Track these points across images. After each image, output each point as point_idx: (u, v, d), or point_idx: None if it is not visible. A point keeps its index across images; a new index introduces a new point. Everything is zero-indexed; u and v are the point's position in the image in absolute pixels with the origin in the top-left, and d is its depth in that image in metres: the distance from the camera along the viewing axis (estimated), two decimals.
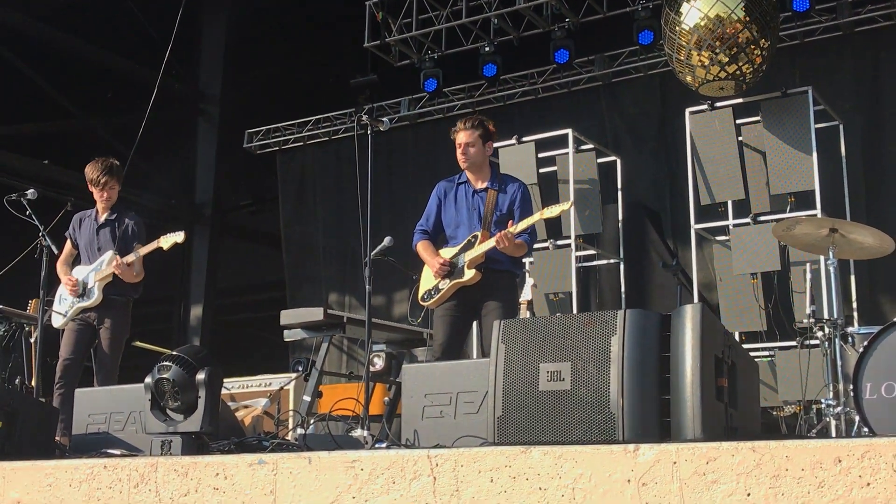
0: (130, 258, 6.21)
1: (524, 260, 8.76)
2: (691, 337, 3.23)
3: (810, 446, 2.84)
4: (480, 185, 5.65)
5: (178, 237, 6.20)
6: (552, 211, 5.43)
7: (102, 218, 6.50)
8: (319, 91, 11.87)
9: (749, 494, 2.88)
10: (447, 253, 5.59)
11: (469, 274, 5.38)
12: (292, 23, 11.96)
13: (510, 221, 5.43)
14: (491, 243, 5.36)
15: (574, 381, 3.32)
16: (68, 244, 6.62)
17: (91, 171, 6.45)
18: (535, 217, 5.40)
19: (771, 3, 7.54)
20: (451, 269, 5.47)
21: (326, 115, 12.00)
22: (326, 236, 12.13)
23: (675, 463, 3.00)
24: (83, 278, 6.34)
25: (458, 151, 5.64)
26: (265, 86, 12.64)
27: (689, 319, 3.26)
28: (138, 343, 8.20)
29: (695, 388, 3.18)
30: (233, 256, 14.03)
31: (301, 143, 12.30)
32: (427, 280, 5.61)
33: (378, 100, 11.59)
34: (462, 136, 5.62)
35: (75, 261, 6.60)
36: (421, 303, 5.58)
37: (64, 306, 6.38)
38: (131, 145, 9.05)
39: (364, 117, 5.28)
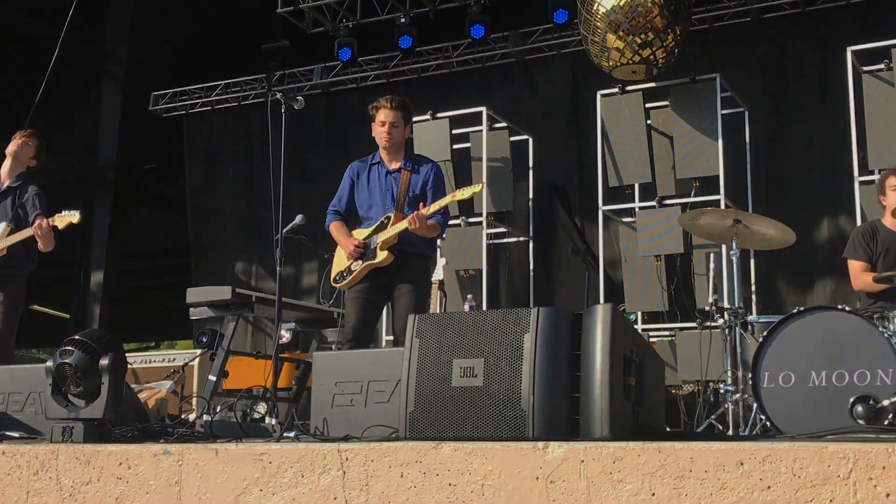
0: (46, 222, 5.96)
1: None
2: (601, 336, 3.28)
3: (714, 448, 2.91)
4: (394, 166, 5.63)
5: (74, 217, 5.95)
6: (464, 193, 5.43)
7: (4, 185, 6.26)
8: (229, 55, 11.61)
9: (654, 494, 2.95)
10: (360, 234, 5.57)
11: (381, 256, 5.37)
12: None
13: (422, 203, 5.43)
14: (403, 225, 5.35)
15: (487, 378, 3.34)
16: None
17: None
18: (447, 199, 5.42)
19: None
20: (364, 251, 5.45)
21: (236, 79, 11.77)
22: (234, 204, 11.94)
23: (582, 461, 3.05)
24: None
25: (382, 129, 5.59)
26: (174, 48, 12.30)
27: (599, 319, 3.30)
28: (36, 307, 7.98)
29: (604, 386, 3.23)
30: (136, 221, 13.70)
31: (209, 108, 12.04)
32: (339, 261, 5.58)
33: (290, 66, 11.42)
34: (388, 115, 5.58)
35: None
36: (333, 284, 5.55)
37: None
38: (29, 103, 8.75)
39: (279, 95, 5.19)
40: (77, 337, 4.10)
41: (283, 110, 5.17)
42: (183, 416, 5.82)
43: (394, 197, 5.55)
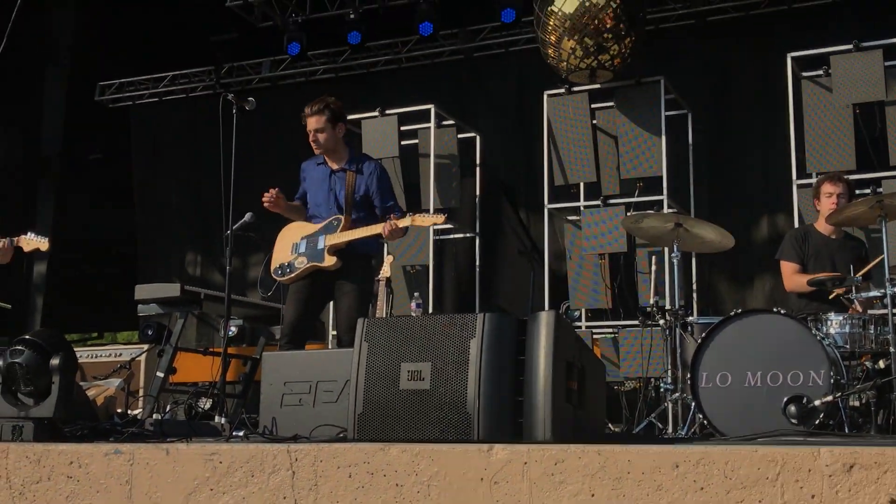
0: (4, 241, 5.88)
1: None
2: (545, 342, 3.39)
3: (651, 452, 3.04)
4: (336, 166, 5.65)
5: (43, 245, 5.86)
6: (423, 220, 5.42)
7: None
8: (178, 47, 11.54)
9: (593, 495, 3.07)
10: (308, 229, 5.59)
11: (330, 261, 5.41)
12: None
13: (392, 216, 5.43)
14: (358, 234, 5.40)
15: (434, 381, 3.44)
16: None
17: None
18: (407, 221, 5.38)
19: None
20: (308, 248, 5.47)
21: (184, 71, 11.71)
22: (181, 195, 11.89)
23: (525, 463, 3.16)
24: None
25: (310, 138, 5.62)
26: (121, 38, 12.16)
27: (543, 325, 3.41)
28: None
29: (547, 391, 3.35)
30: (80, 210, 13.55)
31: (157, 99, 11.97)
32: (281, 253, 5.58)
33: (238, 59, 11.40)
34: (311, 123, 5.58)
35: None
36: (273, 276, 5.55)
37: None
38: None
39: (230, 96, 5.21)
40: (27, 336, 4.12)
41: (234, 111, 5.21)
42: (131, 414, 5.84)
43: (337, 197, 5.58)
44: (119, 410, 6.26)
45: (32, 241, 5.93)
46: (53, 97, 12.32)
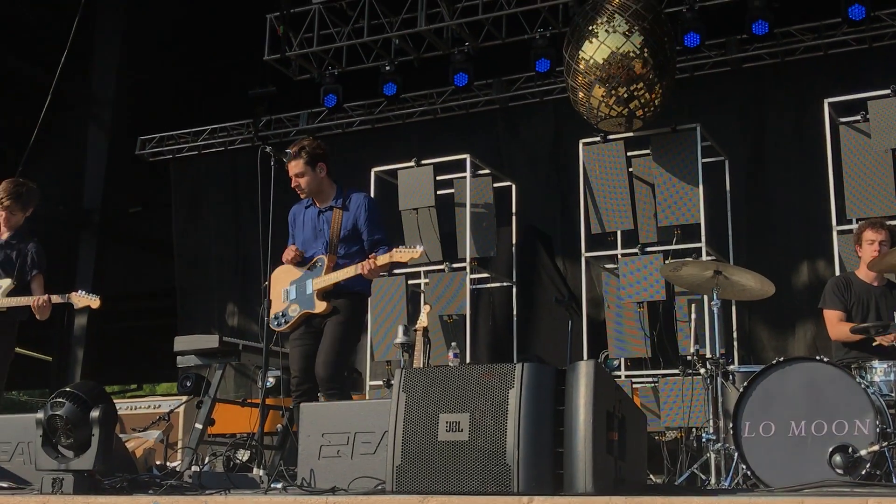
0: (44, 299, 5.99)
1: (421, 282, 8.91)
2: (585, 392, 3.36)
3: (693, 503, 2.99)
4: (324, 206, 5.62)
5: (94, 302, 5.97)
6: (402, 256, 5.30)
7: (3, 238, 6.28)
8: (216, 101, 11.75)
9: None
10: (294, 273, 5.54)
11: (320, 306, 5.37)
12: (191, 30, 11.81)
13: (372, 255, 5.36)
14: (342, 275, 5.35)
15: (472, 432, 3.41)
16: None
17: (0, 189, 6.25)
18: (386, 258, 5.31)
19: (671, 46, 7.81)
20: (298, 294, 5.46)
21: (223, 125, 11.88)
22: (220, 247, 12.01)
23: None
24: None
25: (292, 184, 5.60)
26: (161, 92, 12.42)
27: (583, 375, 3.38)
28: (18, 349, 7.98)
29: (587, 441, 3.30)
30: (121, 263, 13.72)
31: (196, 153, 12.14)
32: (275, 301, 5.53)
33: (276, 112, 11.55)
34: (291, 168, 5.55)
35: None
36: (273, 328, 5.47)
37: None
38: (15, 145, 8.80)
39: (269, 148, 5.26)
40: (68, 389, 4.14)
41: (272, 163, 5.25)
42: (170, 466, 5.84)
43: (326, 237, 5.53)
44: (158, 462, 6.26)
45: (84, 299, 6.02)
46: (95, 152, 12.54)
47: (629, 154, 8.29)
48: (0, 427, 5.06)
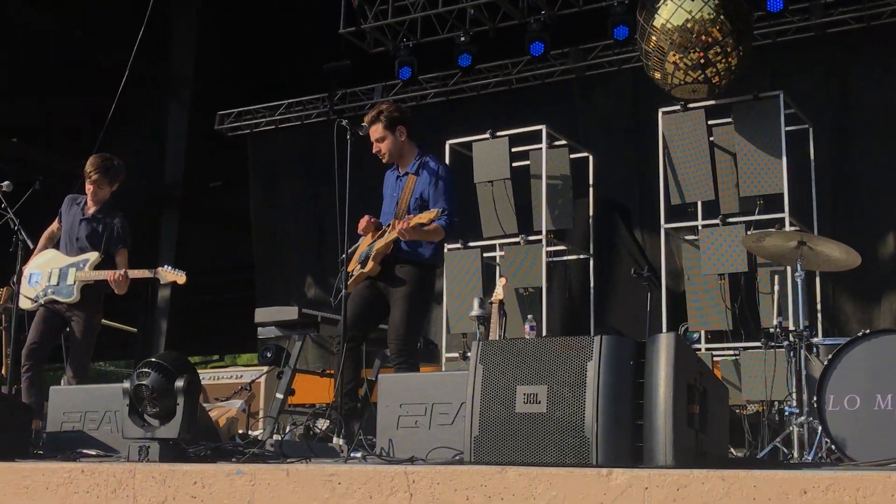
0: (121, 273, 6.17)
1: (497, 254, 8.88)
2: (665, 364, 3.31)
3: (777, 477, 2.93)
4: (403, 171, 5.59)
5: (180, 278, 6.17)
6: (421, 218, 5.23)
7: (90, 212, 6.46)
8: (292, 75, 11.82)
9: None
10: (368, 242, 5.53)
11: (369, 266, 5.35)
12: (266, 5, 11.90)
13: (409, 216, 5.31)
14: (393, 235, 5.32)
15: (550, 404, 3.39)
16: (56, 222, 6.56)
17: (88, 163, 6.41)
18: (424, 216, 5.24)
19: (745, 8, 7.62)
20: (362, 258, 5.43)
21: (299, 99, 11.98)
22: (297, 220, 12.14)
23: (646, 488, 3.08)
24: (62, 268, 6.30)
25: (373, 150, 5.58)
26: (238, 68, 12.55)
27: (663, 347, 3.34)
28: (104, 321, 8.19)
29: (667, 414, 3.27)
30: (201, 238, 13.98)
31: (273, 127, 12.27)
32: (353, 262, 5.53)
33: (351, 85, 11.60)
34: (371, 134, 5.53)
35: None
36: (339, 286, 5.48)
37: (35, 290, 6.29)
38: (100, 125, 8.99)
39: (345, 122, 5.28)
40: (153, 359, 4.24)
41: (348, 136, 5.27)
42: (252, 435, 5.96)
43: (398, 203, 5.51)
44: (240, 431, 6.39)
45: (170, 274, 6.22)
46: (175, 129, 12.77)
47: (710, 123, 8.13)
48: (88, 397, 5.21)
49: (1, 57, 11.90)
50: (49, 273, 6.27)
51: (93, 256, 6.26)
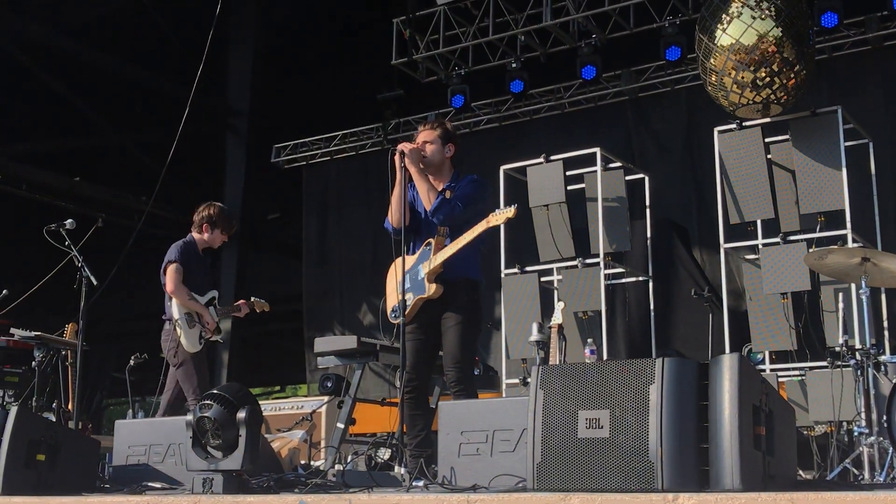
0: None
1: (554, 279, 8.82)
2: (729, 386, 3.26)
3: (848, 499, 2.86)
4: (439, 187, 5.46)
5: (266, 306, 6.86)
6: (497, 218, 5.12)
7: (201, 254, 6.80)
8: (346, 106, 11.96)
9: None
10: (408, 263, 5.29)
11: (431, 288, 5.21)
12: (320, 39, 12.06)
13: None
14: (451, 249, 5.19)
15: (613, 429, 3.35)
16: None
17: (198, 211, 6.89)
18: (482, 225, 5.15)
19: (805, 27, 7.52)
20: (412, 281, 5.25)
21: (353, 129, 12.09)
22: (351, 248, 12.23)
23: None
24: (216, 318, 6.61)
25: (415, 144, 5.48)
26: (293, 100, 12.73)
27: (726, 369, 3.28)
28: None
29: (733, 437, 3.21)
30: (260, 269, 14.13)
31: (328, 158, 12.39)
32: (392, 295, 5.38)
33: (405, 115, 11.68)
34: (421, 136, 5.49)
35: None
36: (391, 320, 5.41)
37: (197, 333, 6.50)
38: (160, 160, 9.14)
39: (397, 150, 5.29)
40: (216, 391, 4.27)
41: (402, 164, 5.28)
42: (314, 465, 5.97)
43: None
44: (302, 461, 6.41)
45: (259, 304, 6.93)
46: (233, 161, 12.96)
47: (767, 140, 8.02)
48: (152, 430, 5.26)
49: (54, 92, 12.19)
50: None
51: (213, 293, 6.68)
